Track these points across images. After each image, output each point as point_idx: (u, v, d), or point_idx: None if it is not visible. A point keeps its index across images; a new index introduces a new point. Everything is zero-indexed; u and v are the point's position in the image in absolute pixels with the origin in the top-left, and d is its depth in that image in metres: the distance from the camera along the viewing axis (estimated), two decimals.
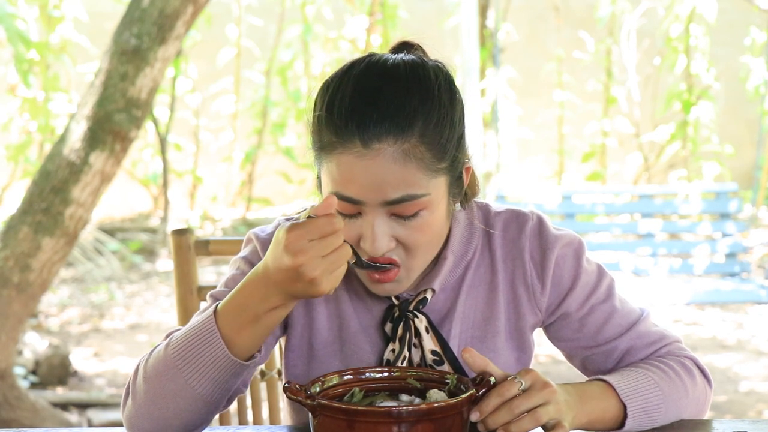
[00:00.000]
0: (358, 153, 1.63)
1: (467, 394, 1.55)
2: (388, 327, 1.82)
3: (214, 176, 10.46)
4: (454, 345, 1.82)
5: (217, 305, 1.67)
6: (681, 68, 9.82)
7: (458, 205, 1.80)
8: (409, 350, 1.80)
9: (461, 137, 1.71)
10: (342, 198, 1.66)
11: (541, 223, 1.86)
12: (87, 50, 9.11)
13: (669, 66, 9.92)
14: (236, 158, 10.43)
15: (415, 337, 1.80)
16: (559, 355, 6.06)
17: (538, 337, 1.96)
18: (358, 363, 1.83)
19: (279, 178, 10.26)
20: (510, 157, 10.00)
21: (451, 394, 1.61)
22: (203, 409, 1.69)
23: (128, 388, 1.73)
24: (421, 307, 1.80)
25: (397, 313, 1.81)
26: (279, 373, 2.33)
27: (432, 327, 1.80)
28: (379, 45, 9.56)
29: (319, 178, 1.76)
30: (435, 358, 1.79)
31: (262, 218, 10.11)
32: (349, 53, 9.96)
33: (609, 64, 10.28)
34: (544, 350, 6.00)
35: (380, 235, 1.67)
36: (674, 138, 9.93)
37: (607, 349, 1.87)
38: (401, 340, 1.80)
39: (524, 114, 10.18)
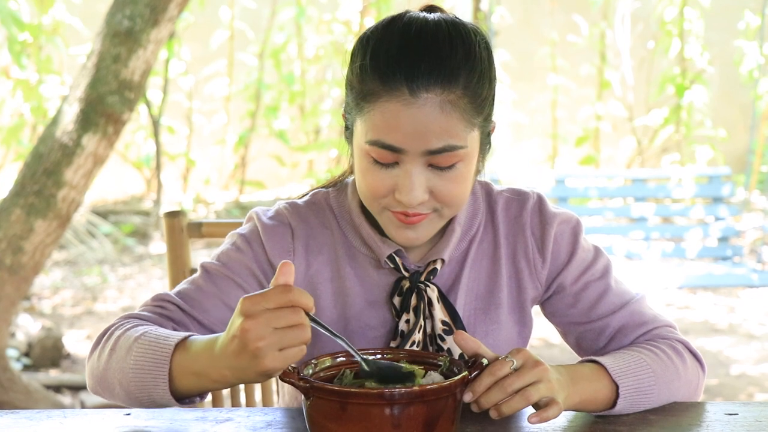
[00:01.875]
0: (405, 101, 1.66)
1: (460, 376, 1.56)
2: (397, 300, 1.84)
3: (207, 159, 10.44)
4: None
5: (187, 337, 1.65)
6: (675, 52, 9.81)
7: (482, 165, 1.84)
8: (424, 320, 1.82)
9: (494, 96, 1.76)
10: (383, 146, 1.69)
11: (541, 201, 1.92)
12: (79, 32, 9.08)
13: (663, 50, 9.91)
14: (229, 141, 10.41)
15: (428, 308, 1.82)
16: (552, 338, 6.10)
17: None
18: (363, 339, 1.84)
19: (272, 161, 10.25)
20: (504, 141, 9.99)
21: (444, 377, 1.62)
22: (139, 406, 1.72)
23: (99, 341, 1.77)
24: (432, 277, 1.84)
25: (407, 285, 1.83)
26: None
27: (442, 297, 1.83)
28: None
29: (348, 128, 1.79)
30: (444, 328, 1.83)
31: (255, 201, 10.10)
32: (342, 36, 9.95)
33: (603, 48, 10.27)
34: (536, 333, 6.00)
35: (417, 185, 1.70)
36: (668, 122, 9.93)
37: (600, 326, 1.90)
38: (416, 310, 1.82)
39: (518, 98, 10.17)
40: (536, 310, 2.00)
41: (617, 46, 10.29)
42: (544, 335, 6.26)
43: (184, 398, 1.67)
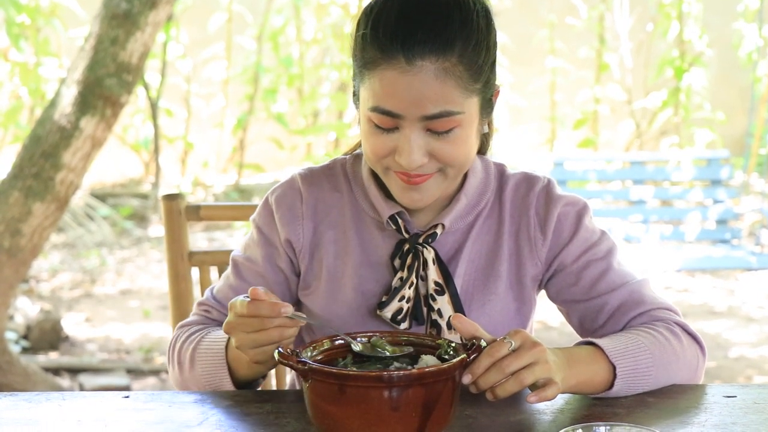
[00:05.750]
0: (402, 69, 1.74)
1: (458, 359, 1.56)
2: (397, 262, 1.90)
3: (205, 142, 10.42)
4: (457, 284, 1.90)
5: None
6: (673, 35, 9.78)
7: (485, 127, 1.89)
8: (417, 278, 1.88)
9: (494, 62, 1.82)
10: (382, 112, 1.76)
11: (550, 184, 1.97)
12: (77, 14, 9.05)
13: (662, 32, 9.88)
14: (228, 124, 10.39)
15: (423, 270, 1.88)
16: (551, 321, 6.10)
17: None
18: (361, 296, 1.91)
19: (270, 144, 10.23)
20: (502, 124, 9.97)
21: (441, 360, 1.62)
22: None
23: (169, 356, 1.99)
24: (430, 240, 1.89)
25: (407, 247, 1.89)
26: None
27: (438, 260, 1.89)
28: None
29: (355, 95, 1.86)
30: (437, 288, 1.88)
31: (253, 184, 10.09)
32: (341, 19, 9.92)
33: (602, 30, 10.23)
34: (536, 316, 6.01)
35: (416, 149, 1.77)
36: (666, 105, 9.90)
37: (599, 303, 1.92)
38: (410, 268, 1.88)
39: (516, 81, 10.14)
40: (540, 294, 2.01)
41: (616, 29, 10.26)
42: (543, 318, 6.27)
43: (247, 384, 1.89)
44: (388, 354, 1.66)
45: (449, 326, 1.87)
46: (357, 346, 1.67)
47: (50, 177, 4.62)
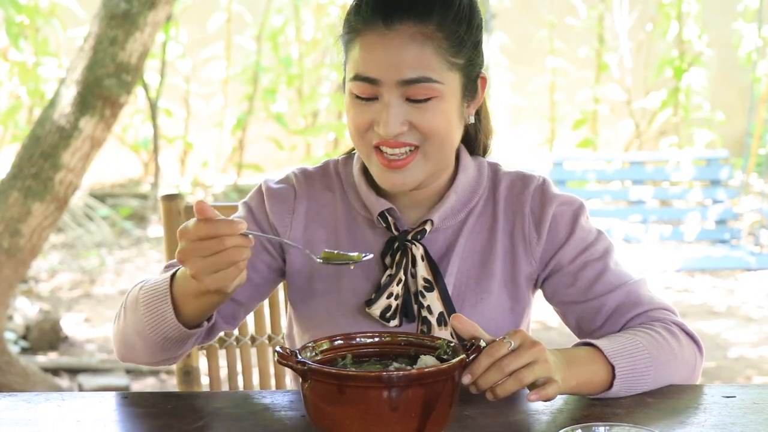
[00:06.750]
0: (381, 33, 1.78)
1: (458, 359, 1.56)
2: (388, 260, 1.91)
3: (204, 142, 10.43)
4: (450, 282, 1.90)
5: (177, 270, 1.79)
6: (673, 34, 9.79)
7: (472, 118, 1.91)
8: (405, 275, 1.89)
9: (478, 43, 1.85)
10: (361, 79, 1.79)
11: (545, 183, 1.97)
12: (77, 14, 9.05)
13: (661, 32, 9.88)
14: (227, 124, 10.39)
15: (412, 267, 1.89)
16: (550, 321, 6.10)
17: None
18: (352, 294, 1.92)
19: (270, 144, 10.23)
20: (502, 124, 9.96)
21: (441, 360, 1.62)
22: (159, 353, 1.86)
23: (119, 309, 1.90)
24: (419, 237, 1.90)
25: (397, 245, 1.90)
26: (269, 338, 2.34)
27: (427, 256, 1.89)
28: None
29: (345, 80, 1.88)
30: (426, 285, 1.89)
31: (253, 184, 10.06)
32: (339, 19, 9.92)
33: (601, 30, 10.24)
34: (534, 316, 6.01)
35: (393, 116, 1.78)
36: (666, 105, 9.90)
37: (596, 305, 1.91)
38: (398, 265, 1.89)
39: (516, 81, 10.14)
40: (538, 295, 2.01)
41: (615, 29, 10.26)
42: (542, 318, 6.27)
43: (193, 325, 1.81)
44: None
45: (439, 322, 1.88)
46: None
47: (49, 177, 4.62)
